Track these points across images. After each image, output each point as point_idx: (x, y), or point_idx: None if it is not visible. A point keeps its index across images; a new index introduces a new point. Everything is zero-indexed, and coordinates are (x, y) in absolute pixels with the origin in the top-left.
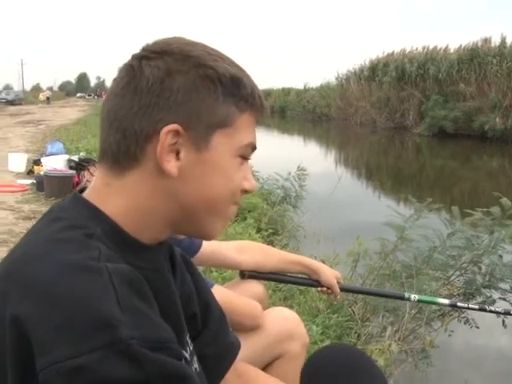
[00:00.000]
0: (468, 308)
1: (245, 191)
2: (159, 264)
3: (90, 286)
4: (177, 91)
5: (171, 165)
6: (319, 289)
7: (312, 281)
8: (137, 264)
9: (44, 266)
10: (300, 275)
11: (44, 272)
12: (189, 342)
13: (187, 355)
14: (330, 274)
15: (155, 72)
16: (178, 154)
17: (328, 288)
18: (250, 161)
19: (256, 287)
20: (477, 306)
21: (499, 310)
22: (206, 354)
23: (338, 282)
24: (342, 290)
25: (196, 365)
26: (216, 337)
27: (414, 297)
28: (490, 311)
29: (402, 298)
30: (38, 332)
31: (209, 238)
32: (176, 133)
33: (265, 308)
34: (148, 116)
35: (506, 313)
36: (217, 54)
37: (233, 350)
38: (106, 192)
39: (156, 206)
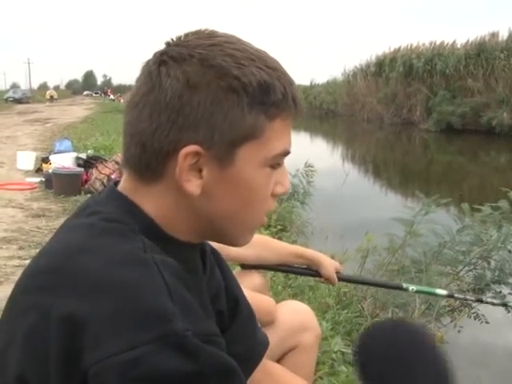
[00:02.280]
0: (465, 299)
1: (278, 195)
2: (195, 264)
3: (141, 277)
4: (197, 107)
5: (192, 184)
6: (317, 278)
7: (312, 271)
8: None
9: (92, 258)
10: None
11: (93, 264)
12: None
13: None
14: (329, 265)
15: (174, 85)
16: (200, 171)
17: (327, 278)
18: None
19: (256, 278)
20: (473, 298)
21: (496, 301)
22: (234, 353)
23: (337, 272)
24: (341, 279)
25: None
26: (243, 334)
27: (412, 288)
28: (487, 302)
29: (400, 288)
30: (92, 326)
31: (239, 246)
32: (196, 153)
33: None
34: (167, 134)
35: (504, 304)
36: (244, 55)
37: (260, 348)
38: (136, 195)
39: (180, 217)
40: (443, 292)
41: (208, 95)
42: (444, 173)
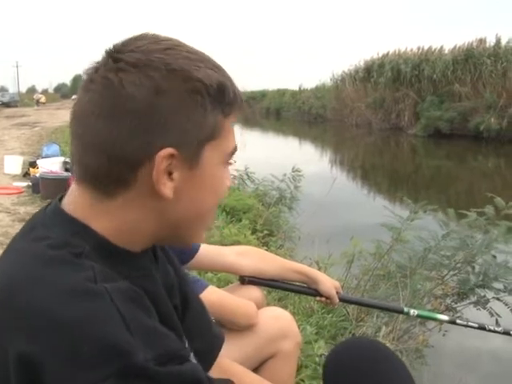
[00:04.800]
0: (467, 325)
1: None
2: (148, 268)
3: (94, 311)
4: (165, 110)
5: (167, 187)
6: (317, 298)
7: (311, 289)
8: (129, 273)
9: (39, 292)
10: (299, 283)
11: (41, 300)
12: (186, 341)
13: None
14: (329, 284)
15: (143, 92)
16: (170, 174)
17: (327, 298)
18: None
19: (254, 292)
20: (476, 325)
21: (498, 329)
22: (193, 349)
23: (337, 292)
24: (341, 300)
25: (194, 360)
26: (199, 330)
27: (414, 312)
28: (490, 330)
29: (401, 312)
30: (49, 366)
31: (191, 245)
32: (171, 156)
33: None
34: (138, 140)
35: (505, 333)
36: (196, 57)
37: (217, 343)
38: (90, 212)
39: (145, 225)
40: (444, 317)
41: (175, 98)
42: (432, 177)
